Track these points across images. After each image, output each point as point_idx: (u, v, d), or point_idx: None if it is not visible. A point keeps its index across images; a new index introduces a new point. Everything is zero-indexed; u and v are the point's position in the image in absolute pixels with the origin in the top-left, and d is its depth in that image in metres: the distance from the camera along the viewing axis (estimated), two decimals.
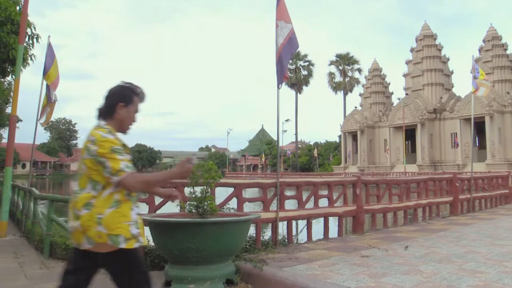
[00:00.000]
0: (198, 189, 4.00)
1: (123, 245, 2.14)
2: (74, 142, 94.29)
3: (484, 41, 44.86)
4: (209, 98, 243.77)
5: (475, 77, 11.49)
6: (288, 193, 6.23)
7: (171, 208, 5.07)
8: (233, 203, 5.24)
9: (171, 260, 3.88)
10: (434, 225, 7.74)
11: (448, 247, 5.48)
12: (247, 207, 8.31)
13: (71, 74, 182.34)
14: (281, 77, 5.36)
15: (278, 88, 5.47)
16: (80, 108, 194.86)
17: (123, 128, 2.35)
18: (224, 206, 4.83)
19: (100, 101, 2.33)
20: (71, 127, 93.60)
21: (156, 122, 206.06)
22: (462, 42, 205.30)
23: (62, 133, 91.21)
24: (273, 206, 5.69)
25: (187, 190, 4.38)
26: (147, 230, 4.50)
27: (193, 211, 3.91)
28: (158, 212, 4.86)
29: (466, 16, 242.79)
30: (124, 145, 2.27)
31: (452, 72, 49.33)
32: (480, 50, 44.94)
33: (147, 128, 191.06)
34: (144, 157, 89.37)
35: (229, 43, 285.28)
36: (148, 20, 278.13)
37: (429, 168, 42.11)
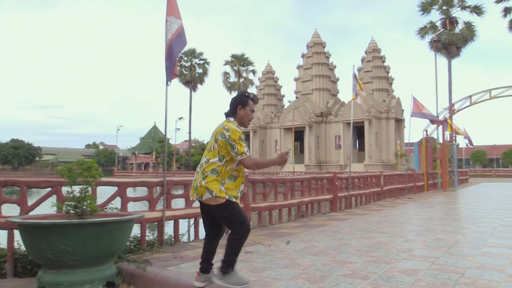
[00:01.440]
0: (77, 189, 3.77)
1: (233, 200, 3.32)
2: None
3: (366, 52, 49.32)
4: (99, 92, 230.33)
5: (354, 85, 12.59)
6: (177, 192, 6.18)
7: (47, 209, 4.70)
8: (118, 203, 5.05)
9: (45, 265, 3.60)
10: (315, 221, 8.30)
11: (325, 241, 5.92)
12: (135, 207, 8.05)
13: None
14: (171, 73, 5.31)
15: (167, 84, 5.40)
16: None
17: (243, 123, 3.52)
18: (107, 206, 4.63)
19: None
20: None
21: (37, 116, 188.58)
22: (347, 51, 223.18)
23: None
24: (160, 205, 5.61)
25: (66, 190, 4.11)
26: (17, 234, 4.12)
27: (71, 211, 3.68)
28: (31, 213, 4.48)
29: (352, 28, 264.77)
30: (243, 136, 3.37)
31: (338, 79, 53.35)
32: (363, 60, 49.33)
33: (26, 121, 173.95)
34: (21, 153, 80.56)
35: (124, 35, 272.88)
36: (32, 2, 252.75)
37: (316, 168, 45.02)
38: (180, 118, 58.42)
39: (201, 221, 6.39)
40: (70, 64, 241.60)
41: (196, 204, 6.29)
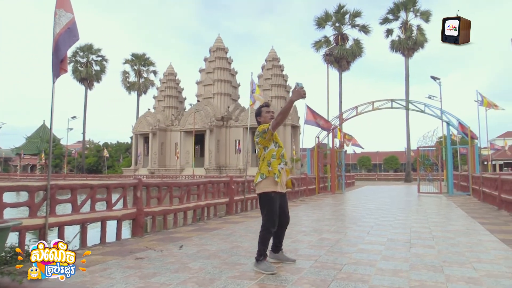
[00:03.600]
0: None
1: (277, 179, 4.29)
2: None
3: (266, 60, 50.98)
4: None
5: (252, 92, 12.98)
6: (63, 197, 5.81)
7: None
8: None
9: None
10: (210, 224, 8.37)
11: (218, 244, 6.02)
12: (18, 213, 7.44)
13: None
14: (57, 69, 4.99)
15: (54, 81, 5.07)
16: None
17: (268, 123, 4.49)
18: None
19: None
20: None
21: None
22: (249, 58, 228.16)
23: None
24: (44, 211, 5.23)
25: None
26: None
27: None
28: None
29: (254, 36, 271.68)
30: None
31: (239, 85, 54.31)
32: (263, 68, 50.91)
33: None
34: None
35: (15, 27, 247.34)
36: None
37: (215, 172, 45.24)
38: (73, 117, 54.43)
39: (89, 227, 6.12)
40: None
41: (84, 210, 6.02)
